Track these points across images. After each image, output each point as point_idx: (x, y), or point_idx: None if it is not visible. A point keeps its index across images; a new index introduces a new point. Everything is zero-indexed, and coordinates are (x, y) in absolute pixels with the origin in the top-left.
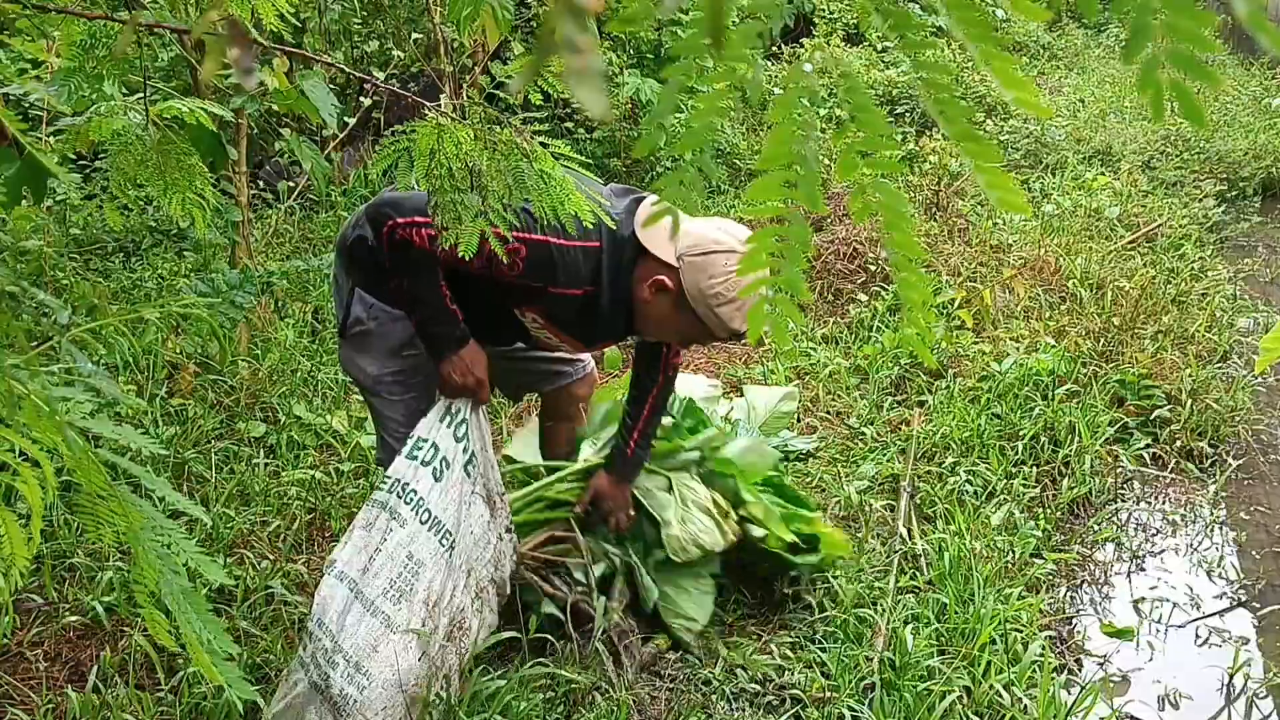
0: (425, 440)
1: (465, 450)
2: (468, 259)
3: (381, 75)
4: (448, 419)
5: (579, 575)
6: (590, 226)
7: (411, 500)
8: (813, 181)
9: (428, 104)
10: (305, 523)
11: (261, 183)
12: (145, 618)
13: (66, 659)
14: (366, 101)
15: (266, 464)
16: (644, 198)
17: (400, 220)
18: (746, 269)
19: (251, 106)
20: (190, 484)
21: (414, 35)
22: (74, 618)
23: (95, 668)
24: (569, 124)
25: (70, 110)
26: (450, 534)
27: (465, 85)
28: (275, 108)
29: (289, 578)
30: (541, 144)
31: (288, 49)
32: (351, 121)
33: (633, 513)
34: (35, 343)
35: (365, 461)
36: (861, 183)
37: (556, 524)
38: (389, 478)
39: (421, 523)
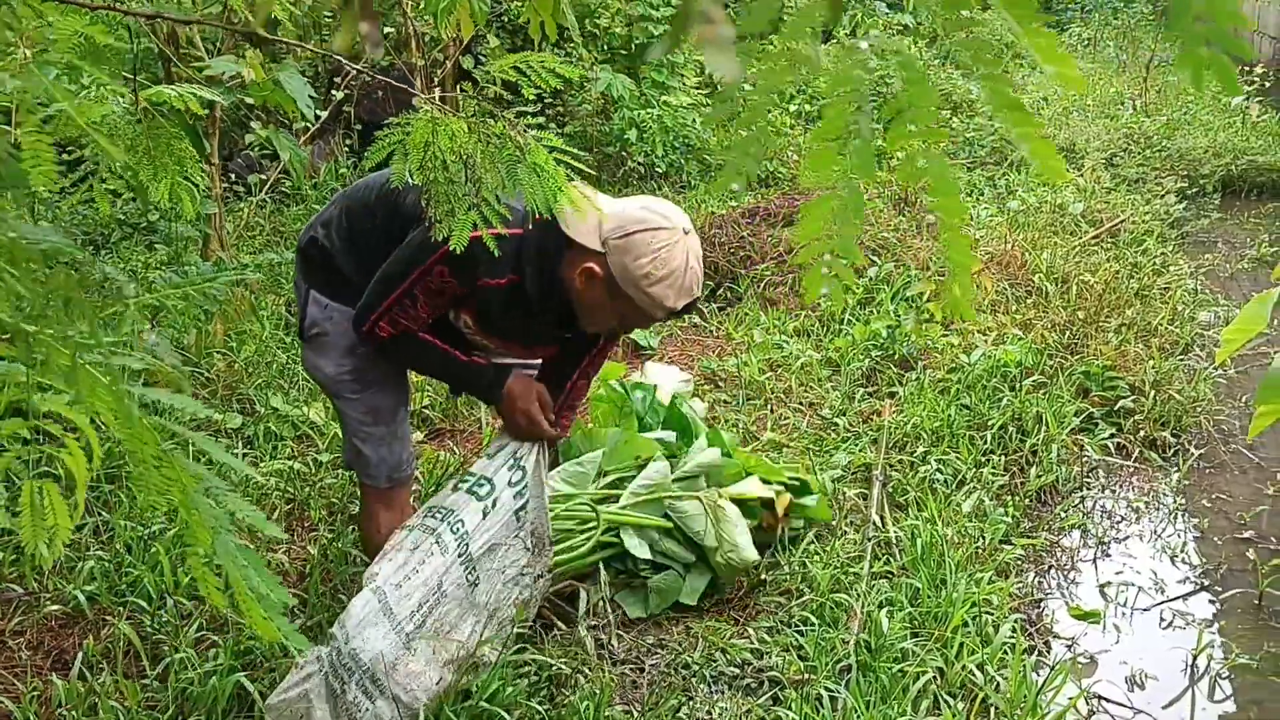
0: (486, 479)
1: (520, 496)
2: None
3: (355, 68)
4: (511, 462)
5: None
6: (508, 214)
7: (457, 531)
8: (866, 152)
9: (422, 94)
10: (285, 513)
11: (233, 176)
12: (198, 579)
13: (49, 648)
14: (338, 95)
15: (244, 455)
16: None
17: (364, 329)
18: (802, 236)
19: (228, 99)
20: None
21: (385, 29)
22: (55, 607)
23: (80, 656)
24: (540, 119)
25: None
26: (475, 570)
27: (440, 78)
28: (246, 100)
29: (270, 568)
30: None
31: (279, 40)
32: (323, 115)
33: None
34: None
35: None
36: (911, 152)
37: (577, 569)
38: (443, 508)
39: (458, 555)
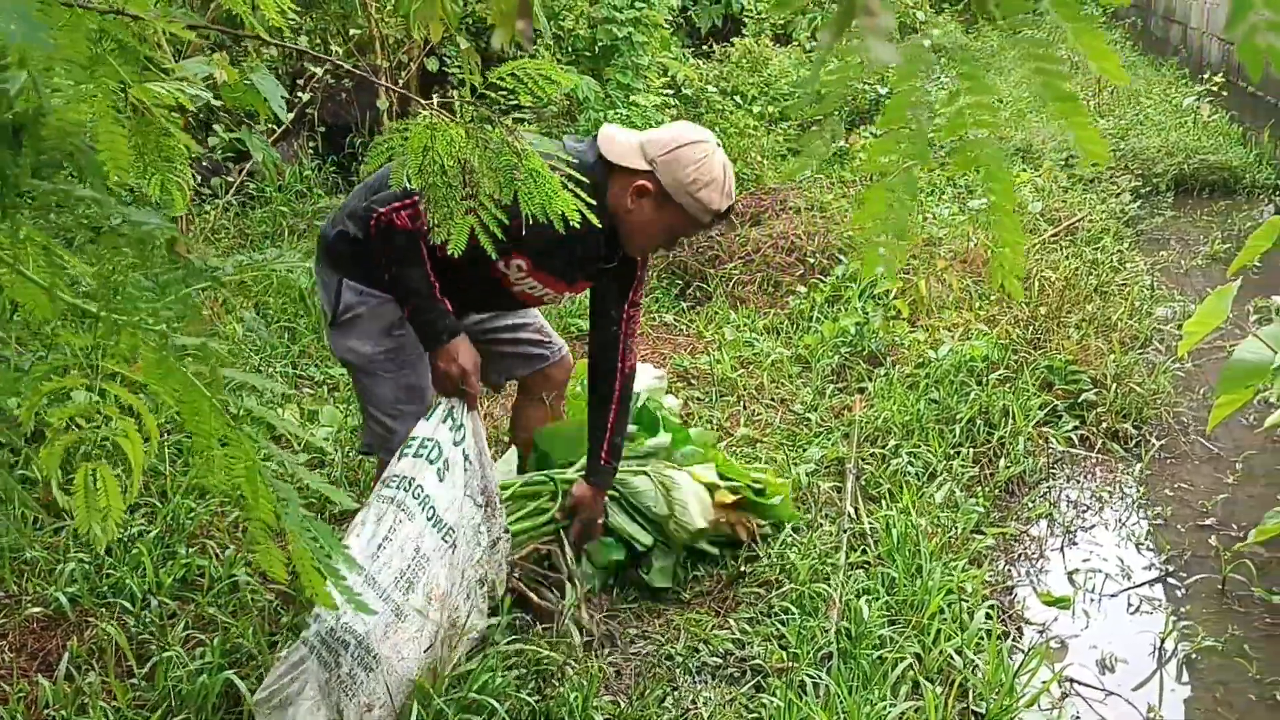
0: (430, 439)
1: (463, 454)
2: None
3: (319, 70)
4: (449, 421)
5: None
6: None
7: (419, 496)
8: (922, 139)
9: (422, 101)
10: None
11: (199, 179)
12: (258, 553)
13: (33, 650)
14: (303, 97)
15: None
16: (596, 133)
17: (382, 210)
18: (862, 218)
19: (202, 97)
20: (146, 476)
21: (351, 31)
22: (36, 609)
23: (65, 657)
24: (513, 116)
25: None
26: (452, 532)
27: (404, 80)
28: (211, 102)
29: (252, 566)
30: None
31: (280, 43)
32: (290, 116)
33: (601, 522)
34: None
35: (319, 454)
36: (967, 140)
37: (542, 536)
38: (398, 475)
39: (428, 519)
